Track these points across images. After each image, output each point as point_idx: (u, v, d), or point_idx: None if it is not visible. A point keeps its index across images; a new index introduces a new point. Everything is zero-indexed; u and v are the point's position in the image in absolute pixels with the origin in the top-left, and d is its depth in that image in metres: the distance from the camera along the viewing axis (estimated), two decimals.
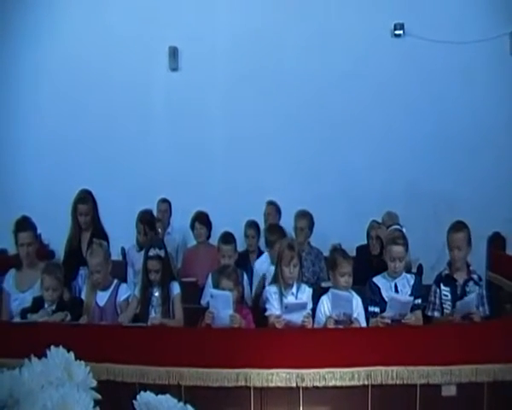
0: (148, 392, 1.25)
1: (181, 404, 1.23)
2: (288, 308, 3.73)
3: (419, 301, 3.97)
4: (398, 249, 3.98)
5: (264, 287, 4.42)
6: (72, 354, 1.24)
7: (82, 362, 1.24)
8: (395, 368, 3.33)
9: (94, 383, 1.22)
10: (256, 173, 6.66)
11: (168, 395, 1.24)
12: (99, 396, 1.19)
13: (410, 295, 3.94)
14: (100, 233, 4.72)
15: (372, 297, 4.00)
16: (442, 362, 3.32)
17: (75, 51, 6.85)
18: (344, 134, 6.73)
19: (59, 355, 1.23)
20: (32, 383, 1.16)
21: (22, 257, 4.40)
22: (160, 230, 5.39)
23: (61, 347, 1.26)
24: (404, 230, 4.37)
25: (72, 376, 1.19)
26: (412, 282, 4.06)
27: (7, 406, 1.12)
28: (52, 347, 1.25)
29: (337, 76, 6.68)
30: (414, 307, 3.88)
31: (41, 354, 1.31)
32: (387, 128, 6.72)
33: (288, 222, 5.32)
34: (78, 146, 6.78)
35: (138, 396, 1.24)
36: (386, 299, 3.94)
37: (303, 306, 3.77)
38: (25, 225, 4.41)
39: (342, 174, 6.67)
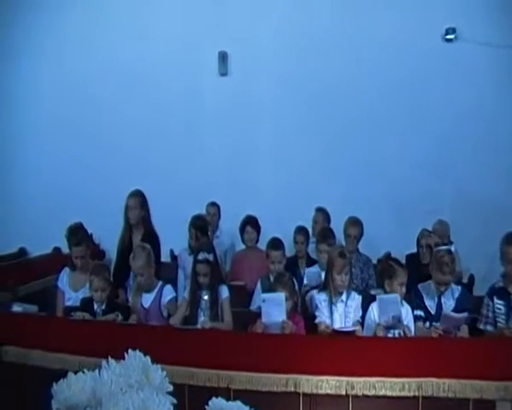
0: (219, 398, 1.27)
1: None
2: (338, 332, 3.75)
3: (465, 314, 3.86)
4: (444, 278, 3.95)
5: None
6: (148, 358, 1.28)
7: (158, 366, 1.27)
8: (447, 380, 3.23)
9: (170, 388, 1.25)
10: (305, 178, 6.63)
11: (239, 402, 1.26)
12: (175, 401, 1.22)
13: (454, 308, 3.89)
14: (151, 235, 4.78)
15: (417, 301, 4.02)
16: (497, 377, 3.21)
17: (126, 56, 6.98)
18: (393, 140, 6.63)
19: (137, 358, 1.26)
20: (112, 385, 1.20)
21: (76, 266, 4.52)
22: (209, 233, 5.43)
23: (137, 350, 1.30)
24: (453, 248, 4.23)
25: (150, 379, 1.22)
26: (457, 294, 4.00)
27: (90, 405, 1.16)
28: (130, 350, 1.29)
29: (388, 81, 6.60)
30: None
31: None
32: (438, 134, 6.59)
33: (336, 228, 5.29)
34: (130, 149, 6.90)
35: (210, 402, 1.27)
36: (429, 308, 3.95)
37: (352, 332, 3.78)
38: (78, 237, 4.46)
39: (391, 180, 6.58)
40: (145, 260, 4.18)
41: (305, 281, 4.60)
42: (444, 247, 4.20)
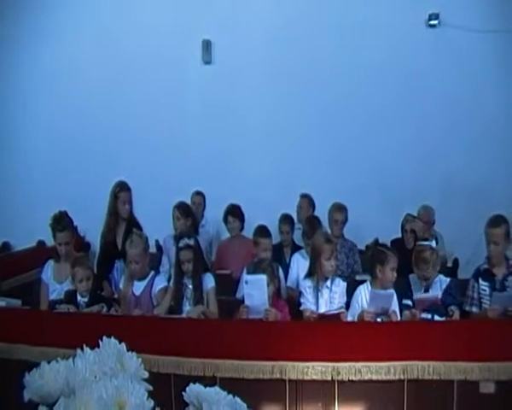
0: (197, 384, 1.26)
1: (230, 396, 1.24)
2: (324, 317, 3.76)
3: (452, 308, 3.87)
4: (421, 273, 3.95)
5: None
6: (123, 345, 1.26)
7: (133, 353, 1.26)
8: (432, 363, 3.26)
9: (146, 375, 1.23)
10: (290, 165, 6.64)
11: (217, 388, 1.25)
12: (151, 388, 1.20)
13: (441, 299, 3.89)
14: (135, 226, 4.72)
15: (406, 291, 4.01)
16: (480, 358, 3.25)
17: (108, 44, 6.91)
18: (378, 126, 6.64)
19: (111, 346, 1.25)
20: (86, 373, 1.18)
21: (60, 254, 4.48)
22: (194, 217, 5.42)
23: (112, 337, 1.28)
24: (434, 244, 4.06)
25: (125, 366, 1.21)
26: (445, 286, 3.98)
27: (63, 394, 1.15)
28: (104, 337, 1.27)
29: (371, 67, 6.59)
30: (449, 314, 3.84)
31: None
32: (422, 119, 6.61)
33: (320, 215, 5.29)
34: (113, 140, 6.83)
35: (188, 388, 1.25)
36: (414, 297, 3.93)
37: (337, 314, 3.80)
38: (62, 224, 4.42)
39: (376, 166, 6.60)
40: (142, 248, 4.18)
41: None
42: (425, 242, 4.11)
